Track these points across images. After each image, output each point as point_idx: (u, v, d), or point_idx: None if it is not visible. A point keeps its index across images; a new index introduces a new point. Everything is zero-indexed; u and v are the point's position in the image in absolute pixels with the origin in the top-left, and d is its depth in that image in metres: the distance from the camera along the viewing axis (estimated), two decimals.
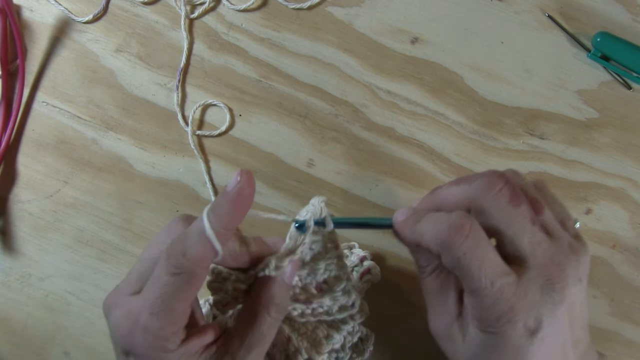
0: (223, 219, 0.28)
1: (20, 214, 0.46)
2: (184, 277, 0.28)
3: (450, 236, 0.30)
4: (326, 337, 0.36)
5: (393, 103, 0.47)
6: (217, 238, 0.28)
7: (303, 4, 0.48)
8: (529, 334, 0.29)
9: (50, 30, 0.49)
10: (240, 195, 0.29)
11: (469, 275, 0.30)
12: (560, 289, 0.30)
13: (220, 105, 0.47)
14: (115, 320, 0.30)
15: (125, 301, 0.30)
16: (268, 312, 0.31)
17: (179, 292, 0.28)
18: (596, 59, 0.46)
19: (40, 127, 0.47)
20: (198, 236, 0.28)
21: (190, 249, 0.28)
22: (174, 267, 0.28)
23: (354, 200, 0.45)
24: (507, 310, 0.29)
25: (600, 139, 0.46)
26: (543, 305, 0.30)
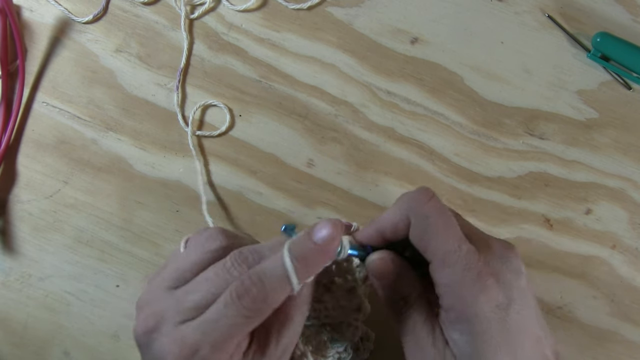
0: (309, 269, 0.29)
1: (20, 214, 0.46)
2: (256, 319, 0.28)
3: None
4: (331, 341, 0.36)
5: (393, 103, 0.47)
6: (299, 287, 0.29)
7: (303, 4, 0.48)
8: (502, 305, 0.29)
9: (50, 30, 0.49)
10: (331, 247, 0.29)
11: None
12: (515, 256, 0.31)
13: (220, 105, 0.47)
14: (162, 348, 0.29)
15: (174, 330, 0.29)
16: (302, 312, 0.32)
17: (246, 330, 0.28)
18: (596, 59, 0.46)
19: (40, 128, 0.47)
20: (279, 282, 0.28)
21: (271, 296, 0.28)
22: (249, 310, 0.28)
23: (353, 201, 0.45)
24: (477, 276, 0.29)
25: (600, 139, 0.46)
26: (507, 272, 0.30)
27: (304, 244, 0.29)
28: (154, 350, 0.29)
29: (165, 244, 0.45)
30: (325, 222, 0.29)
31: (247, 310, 0.28)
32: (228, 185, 0.46)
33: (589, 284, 0.44)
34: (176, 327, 0.29)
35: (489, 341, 0.29)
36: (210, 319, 0.28)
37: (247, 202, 0.46)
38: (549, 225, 0.45)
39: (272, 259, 0.29)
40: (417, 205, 0.31)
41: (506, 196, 0.45)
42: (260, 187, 0.46)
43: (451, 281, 0.30)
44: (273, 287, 0.28)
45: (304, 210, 0.45)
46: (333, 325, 0.37)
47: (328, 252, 0.29)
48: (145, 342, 0.30)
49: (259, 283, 0.28)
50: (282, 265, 0.28)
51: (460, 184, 0.46)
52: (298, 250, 0.29)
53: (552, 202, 0.45)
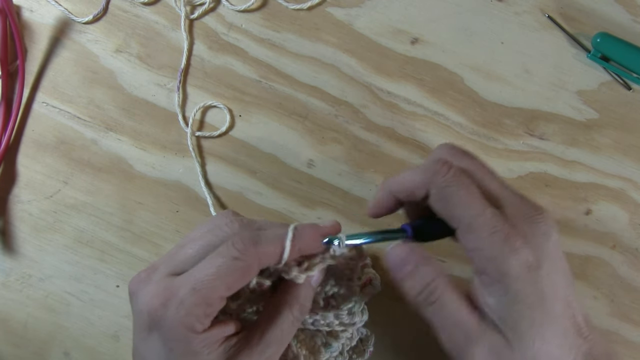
0: (304, 243, 0.31)
1: (20, 215, 0.46)
2: (241, 264, 0.29)
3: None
4: (324, 345, 0.36)
5: (393, 103, 0.47)
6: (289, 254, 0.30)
7: (303, 5, 0.48)
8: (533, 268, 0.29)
9: (50, 30, 0.49)
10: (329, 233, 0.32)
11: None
12: (543, 219, 0.30)
13: (220, 106, 0.47)
14: (147, 294, 0.29)
15: (163, 279, 0.30)
16: (291, 311, 0.32)
17: (229, 277, 0.29)
18: (596, 60, 0.46)
19: (40, 128, 0.47)
20: (276, 239, 0.30)
21: (263, 243, 0.29)
22: (239, 251, 0.29)
23: (353, 201, 0.45)
24: (505, 238, 0.29)
25: (600, 140, 0.46)
26: (534, 236, 0.30)
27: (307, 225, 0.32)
28: (139, 296, 0.30)
29: (165, 244, 0.45)
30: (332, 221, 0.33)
31: (237, 251, 0.29)
32: (228, 185, 0.46)
33: (589, 284, 0.44)
34: (165, 276, 0.30)
35: (524, 301, 0.29)
36: (199, 265, 0.29)
37: (247, 202, 0.46)
38: None
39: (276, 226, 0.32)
40: (436, 175, 0.31)
41: None
42: (260, 187, 0.46)
43: (480, 245, 0.30)
44: (268, 240, 0.30)
45: (304, 210, 0.45)
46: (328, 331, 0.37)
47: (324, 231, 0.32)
48: (134, 290, 0.31)
49: (257, 232, 0.30)
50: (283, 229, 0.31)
51: None
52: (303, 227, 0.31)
53: (552, 203, 0.45)
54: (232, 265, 0.28)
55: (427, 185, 0.31)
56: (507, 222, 0.30)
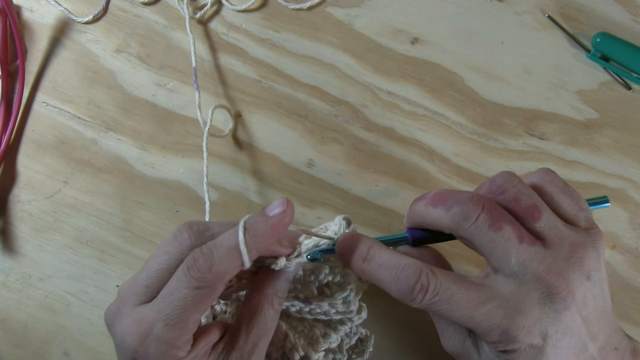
0: (258, 241, 0.29)
1: (20, 215, 0.46)
2: (205, 291, 0.28)
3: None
4: (323, 336, 0.36)
5: (393, 103, 0.47)
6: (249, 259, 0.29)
7: (303, 5, 0.48)
8: (537, 349, 0.29)
9: (50, 30, 0.49)
10: (282, 222, 0.30)
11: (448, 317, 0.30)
12: (563, 296, 0.29)
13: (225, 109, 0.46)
14: (122, 329, 0.30)
15: (133, 311, 0.30)
16: (272, 304, 0.32)
17: (197, 305, 0.28)
18: (596, 60, 0.46)
19: (40, 128, 0.47)
20: (228, 252, 0.28)
21: (218, 265, 0.28)
22: (196, 280, 0.28)
23: (354, 201, 0.45)
24: (503, 333, 0.29)
25: (600, 140, 0.46)
26: (544, 318, 0.29)
27: (257, 219, 0.30)
28: (117, 332, 0.30)
29: None
30: (280, 201, 0.30)
31: (195, 281, 0.28)
32: (228, 185, 0.46)
33: None
34: (134, 307, 0.30)
35: None
36: (163, 295, 0.29)
37: (247, 202, 0.46)
38: None
39: (226, 233, 0.30)
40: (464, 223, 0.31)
41: None
42: (260, 187, 0.46)
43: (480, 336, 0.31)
44: (222, 257, 0.28)
45: (304, 210, 0.45)
46: (326, 322, 0.37)
47: (279, 227, 0.30)
48: (110, 324, 0.31)
49: (208, 253, 0.29)
50: (233, 237, 0.29)
51: (461, 184, 0.46)
52: (251, 223, 0.29)
53: None
54: (196, 294, 0.28)
55: (454, 230, 0.32)
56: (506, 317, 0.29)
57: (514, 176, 0.33)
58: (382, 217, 0.45)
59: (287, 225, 0.30)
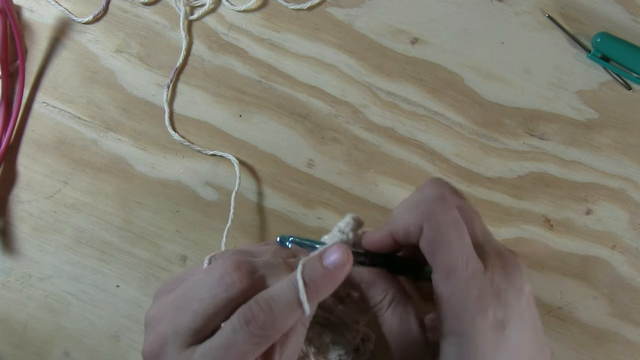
0: (320, 294, 0.28)
1: (20, 215, 0.46)
2: (264, 345, 0.28)
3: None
4: (332, 342, 0.37)
5: (393, 103, 0.47)
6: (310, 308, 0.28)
7: (303, 5, 0.48)
8: (499, 325, 0.29)
9: (50, 30, 0.49)
10: (341, 273, 0.29)
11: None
12: (519, 274, 0.31)
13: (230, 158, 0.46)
14: None
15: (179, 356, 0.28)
16: (303, 323, 0.31)
17: (256, 354, 0.28)
18: (596, 60, 0.46)
19: (40, 128, 0.47)
20: (289, 307, 0.28)
21: (280, 321, 0.27)
22: (257, 337, 0.27)
23: (353, 201, 0.45)
24: (478, 297, 0.29)
25: (600, 140, 0.46)
26: (509, 292, 0.30)
27: (316, 269, 0.28)
28: None
29: (165, 244, 0.45)
30: (337, 247, 0.29)
31: (257, 337, 0.27)
32: (228, 185, 0.46)
33: (589, 284, 0.44)
34: (181, 351, 0.28)
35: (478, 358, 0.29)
36: (218, 345, 0.28)
37: (247, 202, 0.46)
38: (549, 226, 0.45)
39: (282, 283, 0.29)
40: (433, 214, 0.30)
41: (506, 196, 0.45)
42: (260, 187, 0.46)
43: (451, 296, 0.30)
44: (283, 312, 0.27)
45: (304, 210, 0.45)
46: (335, 328, 0.37)
47: (338, 277, 0.29)
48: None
49: (268, 309, 0.27)
50: (292, 290, 0.28)
51: (461, 185, 0.46)
52: (310, 275, 0.28)
53: (553, 203, 0.45)
54: (256, 349, 0.27)
55: (421, 224, 0.31)
56: (486, 279, 0.30)
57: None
58: (382, 217, 0.45)
59: (345, 274, 0.29)
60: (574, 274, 0.44)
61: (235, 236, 0.45)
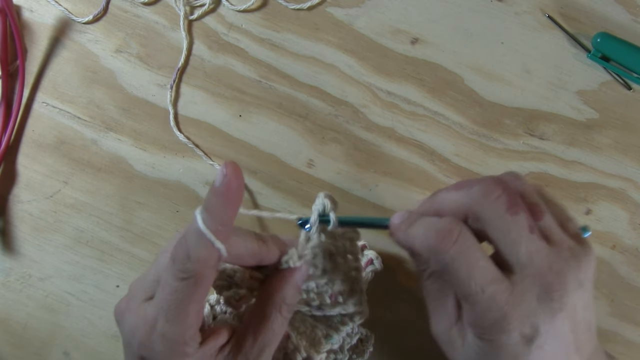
0: (217, 216, 0.28)
1: (20, 215, 0.46)
2: (192, 280, 0.28)
3: (437, 242, 0.30)
4: (325, 337, 0.36)
5: (393, 103, 0.47)
6: (216, 236, 0.28)
7: (303, 5, 0.48)
8: (525, 342, 0.29)
9: (50, 30, 0.49)
10: (230, 188, 0.28)
11: (458, 281, 0.29)
12: (559, 296, 0.29)
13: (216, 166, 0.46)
14: (129, 326, 0.30)
15: (139, 307, 0.30)
16: (280, 312, 0.32)
17: (190, 296, 0.28)
18: (596, 60, 0.46)
19: (40, 128, 0.47)
20: (197, 237, 0.28)
21: (192, 252, 0.28)
22: (180, 271, 0.28)
23: (354, 201, 0.45)
24: (500, 318, 0.29)
25: (600, 140, 0.46)
26: (540, 313, 0.29)
27: (210, 194, 0.28)
28: (124, 328, 0.31)
29: (165, 244, 0.45)
30: (220, 167, 0.29)
31: (179, 272, 0.28)
32: None
33: None
34: (141, 303, 0.30)
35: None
36: (161, 292, 0.29)
37: (247, 202, 0.46)
38: None
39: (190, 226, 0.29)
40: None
41: None
42: (260, 187, 0.46)
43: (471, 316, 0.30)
44: (194, 243, 0.28)
45: (304, 211, 0.45)
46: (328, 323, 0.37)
47: (230, 194, 0.28)
48: (119, 320, 0.31)
49: (183, 242, 0.28)
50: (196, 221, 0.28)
51: None
52: (206, 202, 0.28)
53: None
54: (185, 286, 0.28)
55: (472, 208, 0.31)
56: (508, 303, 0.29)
57: (520, 175, 0.34)
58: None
59: (238, 188, 0.29)
60: None
61: None
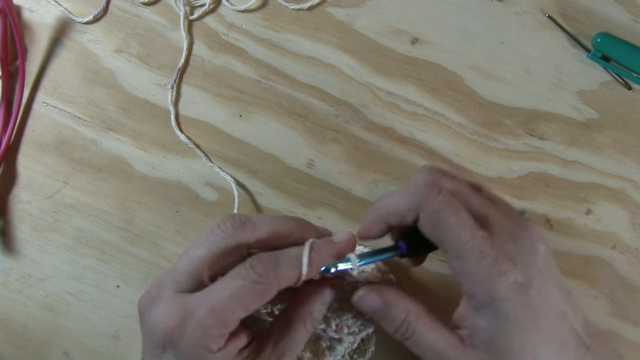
0: (320, 260, 0.31)
1: (20, 215, 0.46)
2: (261, 287, 0.29)
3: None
4: (329, 349, 0.37)
5: (393, 103, 0.47)
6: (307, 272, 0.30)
7: (303, 5, 0.48)
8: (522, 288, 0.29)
9: (50, 30, 0.49)
10: (344, 251, 0.32)
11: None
12: (528, 236, 0.31)
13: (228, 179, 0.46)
14: (161, 312, 0.29)
15: (175, 296, 0.29)
16: (304, 324, 0.32)
17: (248, 300, 0.29)
18: (596, 60, 0.46)
19: (40, 128, 0.47)
20: (294, 260, 0.30)
21: (282, 267, 0.30)
22: (258, 275, 0.29)
23: (353, 201, 0.45)
24: (494, 262, 0.29)
25: (600, 140, 0.46)
26: (521, 254, 0.30)
27: (324, 242, 0.32)
28: (152, 315, 0.29)
29: (165, 244, 0.45)
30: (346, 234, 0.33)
31: (256, 275, 0.29)
32: (228, 185, 0.46)
33: (589, 284, 0.44)
34: (176, 293, 0.29)
35: (515, 322, 0.29)
36: (214, 287, 0.29)
37: (247, 202, 0.46)
38: (549, 226, 0.45)
39: (294, 247, 0.31)
40: (426, 200, 0.31)
41: (506, 196, 0.45)
42: (260, 187, 0.46)
43: (468, 270, 0.30)
44: (286, 262, 0.30)
45: (304, 210, 0.45)
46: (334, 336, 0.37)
47: (340, 255, 0.32)
48: (145, 309, 0.30)
49: (273, 256, 0.30)
50: (299, 249, 0.31)
51: None
52: (317, 244, 0.31)
53: (553, 203, 0.45)
54: (252, 289, 0.29)
55: (417, 210, 0.32)
56: (495, 245, 0.30)
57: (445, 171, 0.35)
58: None
59: (346, 254, 0.32)
60: (574, 274, 0.44)
61: None
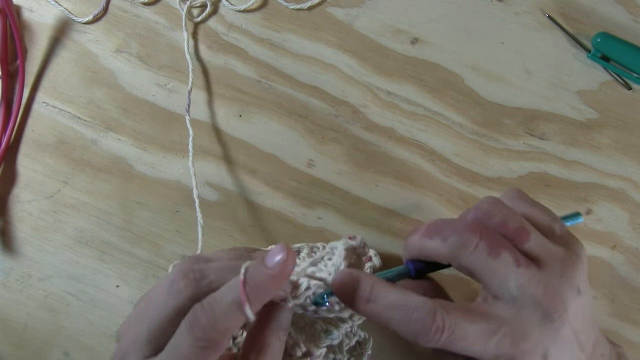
0: (260, 294, 0.28)
1: (20, 215, 0.46)
2: (210, 349, 0.27)
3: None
4: (325, 332, 0.36)
5: (393, 103, 0.47)
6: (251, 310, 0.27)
7: (303, 5, 0.48)
8: None
9: (50, 30, 0.49)
10: (283, 273, 0.28)
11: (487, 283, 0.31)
12: (559, 316, 0.30)
13: None
14: None
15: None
16: (279, 338, 0.31)
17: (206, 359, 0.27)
18: (596, 60, 0.46)
19: (40, 128, 0.47)
20: (230, 308, 0.27)
21: (221, 322, 0.27)
22: (200, 340, 0.27)
23: (353, 201, 0.45)
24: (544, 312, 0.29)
25: (600, 140, 0.46)
26: (544, 338, 0.30)
27: (258, 269, 0.28)
28: None
29: (165, 244, 0.45)
30: (279, 248, 0.28)
31: (200, 340, 0.27)
32: (228, 185, 0.46)
33: (589, 284, 0.44)
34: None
35: None
36: (168, 352, 0.28)
37: (247, 202, 0.46)
38: None
39: (226, 286, 0.28)
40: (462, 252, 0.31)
41: None
42: (260, 187, 0.46)
43: None
44: (224, 313, 0.27)
45: (303, 210, 0.45)
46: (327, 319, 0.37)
47: (280, 278, 0.28)
48: None
49: (210, 310, 0.27)
50: (234, 291, 0.27)
51: (461, 184, 0.46)
52: (251, 275, 0.28)
53: (553, 203, 0.45)
54: (201, 353, 0.27)
55: (452, 259, 0.32)
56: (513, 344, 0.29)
57: (498, 200, 0.34)
58: (382, 218, 0.45)
59: (288, 275, 0.29)
60: None
61: (235, 236, 0.45)
